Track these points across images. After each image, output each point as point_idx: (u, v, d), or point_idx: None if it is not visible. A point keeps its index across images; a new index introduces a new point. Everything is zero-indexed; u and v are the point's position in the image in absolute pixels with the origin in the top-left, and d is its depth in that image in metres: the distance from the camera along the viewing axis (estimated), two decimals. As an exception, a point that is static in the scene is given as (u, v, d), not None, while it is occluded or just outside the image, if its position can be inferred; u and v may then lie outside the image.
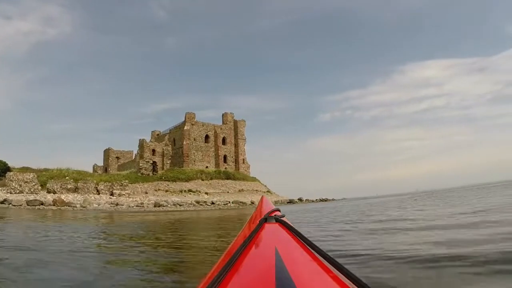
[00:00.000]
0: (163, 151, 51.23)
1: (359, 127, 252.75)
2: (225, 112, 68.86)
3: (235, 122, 68.38)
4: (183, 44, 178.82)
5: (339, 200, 74.43)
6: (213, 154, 60.73)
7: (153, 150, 49.07)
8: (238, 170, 62.62)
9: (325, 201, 64.91)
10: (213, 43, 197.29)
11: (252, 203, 49.25)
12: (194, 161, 55.68)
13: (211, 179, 52.51)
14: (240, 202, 43.50)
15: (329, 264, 0.71)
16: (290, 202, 56.08)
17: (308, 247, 0.82)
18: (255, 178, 64.16)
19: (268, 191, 61.12)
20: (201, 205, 37.77)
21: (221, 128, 64.30)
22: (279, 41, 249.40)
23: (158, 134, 63.81)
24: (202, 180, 50.57)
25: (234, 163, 63.93)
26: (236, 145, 66.31)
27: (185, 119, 58.50)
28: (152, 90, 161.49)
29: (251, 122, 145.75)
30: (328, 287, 0.61)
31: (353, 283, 0.63)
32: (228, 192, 50.62)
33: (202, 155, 58.06)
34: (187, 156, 54.33)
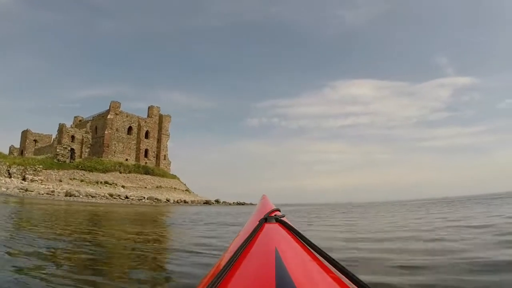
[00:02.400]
0: (82, 139, 49.35)
1: (285, 136, 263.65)
2: (151, 105, 67.48)
3: (161, 116, 67.59)
4: (120, 31, 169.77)
5: (256, 205, 74.77)
6: (135, 147, 59.78)
7: (73, 137, 47.08)
8: (159, 166, 62.49)
9: (242, 204, 65.25)
10: (151, 34, 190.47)
11: (168, 200, 49.34)
12: (114, 152, 54.42)
13: (130, 172, 52.02)
14: (155, 198, 44.08)
15: (329, 264, 0.72)
16: (206, 203, 57.25)
17: (308, 247, 0.83)
18: (175, 175, 64.55)
19: (187, 190, 62.14)
20: (115, 198, 37.54)
21: (145, 121, 63.37)
22: (216, 42, 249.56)
23: (80, 121, 60.68)
24: (120, 172, 49.90)
25: (155, 158, 63.58)
26: (159, 140, 65.69)
27: (109, 107, 56.68)
28: (83, 74, 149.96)
29: (178, 118, 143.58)
30: (328, 287, 0.61)
31: (353, 283, 0.63)
32: (145, 187, 50.66)
33: (123, 147, 56.90)
34: (108, 147, 52.92)
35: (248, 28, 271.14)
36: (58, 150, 42.26)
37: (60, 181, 36.70)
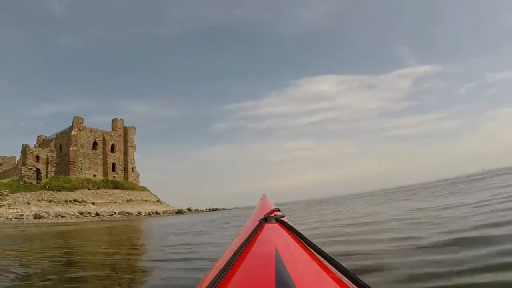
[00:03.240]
0: (47, 158, 48.27)
1: (253, 138, 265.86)
2: (115, 118, 66.61)
3: (125, 128, 66.94)
4: (79, 43, 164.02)
5: (230, 209, 73.47)
6: (101, 162, 59.03)
7: (37, 157, 45.96)
8: (127, 179, 62.08)
9: (215, 210, 65.25)
10: (111, 45, 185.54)
11: (139, 213, 49.12)
12: (81, 169, 53.65)
13: (99, 188, 51.53)
14: (126, 213, 44.14)
15: (329, 264, 0.72)
16: (179, 212, 57.36)
17: (308, 247, 0.83)
18: (144, 187, 64.26)
19: (158, 201, 62.09)
20: (85, 216, 37.34)
21: (110, 135, 62.68)
22: (178, 49, 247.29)
23: (44, 139, 59.05)
24: (89, 189, 49.37)
25: (123, 171, 63.07)
26: (125, 153, 65.04)
27: (72, 123, 55.73)
28: (42, 91, 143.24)
29: (143, 129, 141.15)
30: (328, 287, 0.61)
31: (353, 283, 0.63)
32: (116, 202, 50.39)
33: (90, 163, 56.15)
34: (74, 164, 52.08)
35: (209, 32, 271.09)
36: (23, 172, 41.34)
37: (28, 203, 36.10)
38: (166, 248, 5.74)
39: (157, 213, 52.63)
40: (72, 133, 54.15)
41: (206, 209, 66.77)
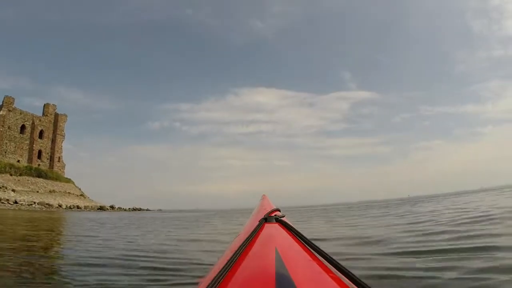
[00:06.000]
0: (-30, 138, 46.13)
1: (186, 140, 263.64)
2: (47, 103, 64.76)
3: (56, 115, 65.29)
4: (21, 20, 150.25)
5: (153, 211, 72.96)
6: (28, 147, 57.43)
7: (-41, 135, 43.83)
8: (52, 168, 60.85)
9: (139, 210, 65.18)
10: (54, 26, 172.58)
11: (60, 206, 48.41)
12: (6, 152, 51.91)
13: (21, 175, 50.38)
14: (47, 204, 44.32)
15: (329, 264, 0.72)
16: (101, 209, 57.09)
17: (308, 247, 0.83)
18: (69, 179, 63.24)
19: (82, 195, 61.47)
20: (3, 203, 36.93)
21: (40, 120, 61.02)
22: (123, 41, 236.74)
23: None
24: (11, 175, 48.15)
25: (49, 160, 61.74)
26: (53, 141, 63.50)
27: (2, 103, 53.81)
28: None
29: (74, 118, 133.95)
30: (328, 287, 0.61)
31: (353, 283, 0.63)
32: (38, 191, 49.71)
33: (15, 147, 54.40)
34: (-2, 146, 50.12)
35: (157, 28, 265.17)
36: None
37: None
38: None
39: (78, 207, 52.12)
40: (1, 112, 52.23)
41: (129, 208, 66.24)
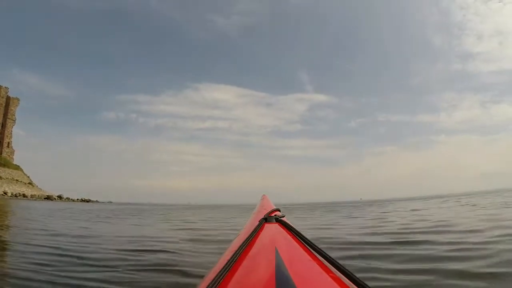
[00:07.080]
0: None
1: (142, 133, 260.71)
2: (-1, 85, 63.54)
3: (8, 98, 63.40)
4: None
5: (104, 202, 71.68)
6: (-25, 131, 56.29)
7: None
8: (1, 154, 59.79)
9: (87, 202, 64.58)
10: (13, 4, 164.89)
11: (5, 193, 48.25)
12: (-50, 137, 50.93)
13: (-35, 160, 49.70)
14: (-10, 190, 43.97)
15: (329, 264, 0.72)
16: (48, 198, 56.89)
17: (308, 247, 0.83)
18: (18, 166, 62.11)
19: (30, 183, 60.85)
20: None
21: (-11, 102, 59.98)
22: (83, 26, 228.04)
23: None
24: (-46, 160, 47.55)
25: (-3, 145, 60.53)
26: (3, 125, 61.97)
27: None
28: None
29: (27, 103, 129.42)
30: (328, 287, 0.61)
31: (353, 283, 0.63)
32: (-18, 178, 49.19)
33: (-39, 131, 53.39)
34: None
35: (120, 16, 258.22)
36: None
37: None
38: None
39: (24, 196, 52.08)
40: None
41: (78, 199, 66.09)
